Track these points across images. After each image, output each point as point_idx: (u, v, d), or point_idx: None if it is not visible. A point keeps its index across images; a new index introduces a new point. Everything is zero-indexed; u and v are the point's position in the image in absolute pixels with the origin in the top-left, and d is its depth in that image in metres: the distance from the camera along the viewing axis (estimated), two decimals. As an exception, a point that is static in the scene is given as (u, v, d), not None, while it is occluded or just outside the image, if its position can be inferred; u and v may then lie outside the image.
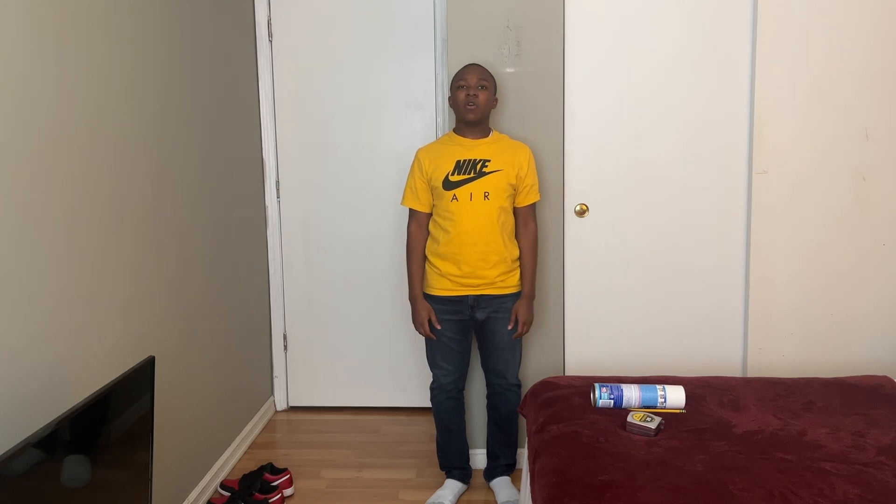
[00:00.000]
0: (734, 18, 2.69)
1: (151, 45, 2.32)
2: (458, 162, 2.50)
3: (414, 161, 2.59)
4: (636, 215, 2.80)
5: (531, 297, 2.61)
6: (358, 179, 3.44)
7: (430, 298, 2.60)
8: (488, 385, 2.72)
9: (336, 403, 3.60)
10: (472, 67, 2.53)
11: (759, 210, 2.75)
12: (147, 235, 2.29)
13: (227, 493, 2.75)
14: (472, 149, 2.52)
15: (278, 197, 3.48)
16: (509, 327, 2.59)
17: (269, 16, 3.37)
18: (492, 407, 2.73)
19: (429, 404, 3.50)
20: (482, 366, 2.73)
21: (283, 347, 3.57)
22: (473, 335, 2.70)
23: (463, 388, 2.71)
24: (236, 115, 3.10)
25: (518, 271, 2.60)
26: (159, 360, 2.38)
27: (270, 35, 3.38)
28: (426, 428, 3.37)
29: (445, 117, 3.34)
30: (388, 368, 3.54)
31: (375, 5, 3.34)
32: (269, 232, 3.49)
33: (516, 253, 2.59)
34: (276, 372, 3.58)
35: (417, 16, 3.33)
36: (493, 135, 2.57)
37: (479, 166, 2.50)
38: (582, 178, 2.79)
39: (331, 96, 3.41)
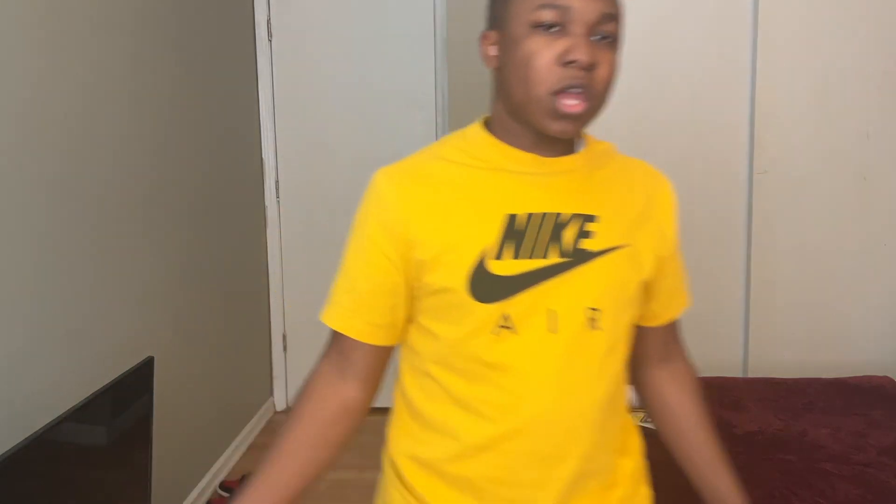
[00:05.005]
0: (735, 18, 2.68)
1: (151, 44, 2.31)
2: (512, 224, 0.95)
3: (367, 202, 1.06)
4: (636, 215, 2.79)
5: None
6: (358, 179, 3.41)
7: None
8: None
9: (336, 404, 3.59)
10: None
11: (760, 210, 2.74)
12: (146, 235, 2.28)
13: (226, 494, 2.74)
14: (549, 185, 0.99)
15: (278, 197, 3.47)
16: None
17: (269, 16, 3.36)
18: None
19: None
20: None
21: (282, 348, 3.57)
22: None
23: None
24: (236, 115, 3.10)
25: (643, 476, 1.14)
26: (158, 361, 2.37)
27: (270, 35, 3.38)
28: (426, 428, 3.37)
29: (446, 117, 3.31)
30: (388, 369, 3.53)
31: (375, 5, 3.34)
32: (269, 232, 3.48)
33: (638, 441, 1.14)
34: (275, 373, 3.57)
35: (417, 16, 3.32)
36: (588, 146, 1.07)
37: (570, 233, 0.97)
38: (582, 178, 2.78)
39: (331, 96, 3.40)
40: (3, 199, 1.62)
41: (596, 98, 0.95)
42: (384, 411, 3.76)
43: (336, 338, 1.07)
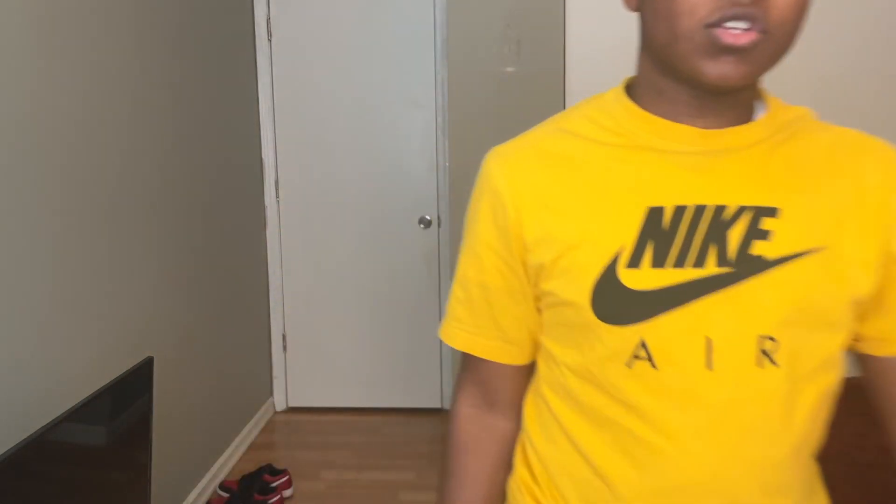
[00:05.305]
0: (735, 18, 2.69)
1: (150, 43, 2.31)
2: (656, 220, 0.71)
3: (477, 192, 0.81)
4: (637, 215, 2.79)
5: None
6: (357, 179, 3.44)
7: None
8: None
9: (336, 404, 3.59)
10: None
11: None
12: (146, 235, 2.28)
13: (226, 495, 2.74)
14: (711, 167, 0.73)
15: (278, 197, 3.47)
16: None
17: (269, 15, 3.36)
18: None
19: (430, 405, 3.50)
20: None
21: (282, 348, 3.56)
22: None
23: None
24: (235, 115, 3.09)
25: None
26: (158, 361, 2.37)
27: (270, 34, 3.37)
28: (427, 429, 3.37)
29: (445, 117, 3.31)
30: (388, 368, 3.54)
31: (375, 5, 3.33)
32: (269, 232, 3.48)
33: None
34: (275, 372, 3.57)
35: (417, 15, 3.32)
36: (772, 111, 0.83)
37: (737, 233, 0.71)
38: (582, 178, 2.78)
39: (331, 96, 3.40)
40: (3, 200, 1.62)
41: (771, 31, 0.66)
42: (384, 412, 3.76)
43: (469, 361, 0.86)
